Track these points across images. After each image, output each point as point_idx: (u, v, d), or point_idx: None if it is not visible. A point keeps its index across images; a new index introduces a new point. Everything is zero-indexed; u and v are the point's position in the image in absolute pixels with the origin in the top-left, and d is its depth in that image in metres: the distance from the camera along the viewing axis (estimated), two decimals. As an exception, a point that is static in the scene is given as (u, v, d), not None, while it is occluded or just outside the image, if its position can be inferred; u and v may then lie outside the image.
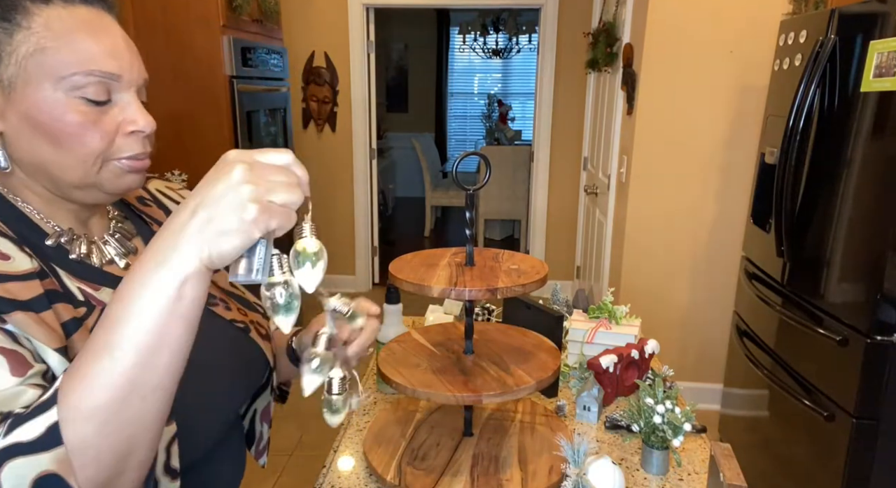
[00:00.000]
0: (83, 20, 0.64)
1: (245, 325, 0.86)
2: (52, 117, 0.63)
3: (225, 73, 2.88)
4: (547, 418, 1.22)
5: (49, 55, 0.62)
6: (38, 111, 0.63)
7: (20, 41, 0.61)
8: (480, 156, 1.11)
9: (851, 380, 1.64)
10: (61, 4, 0.63)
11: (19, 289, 0.60)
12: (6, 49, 0.61)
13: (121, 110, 0.68)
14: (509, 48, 7.47)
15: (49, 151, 0.65)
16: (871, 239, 1.63)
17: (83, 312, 0.67)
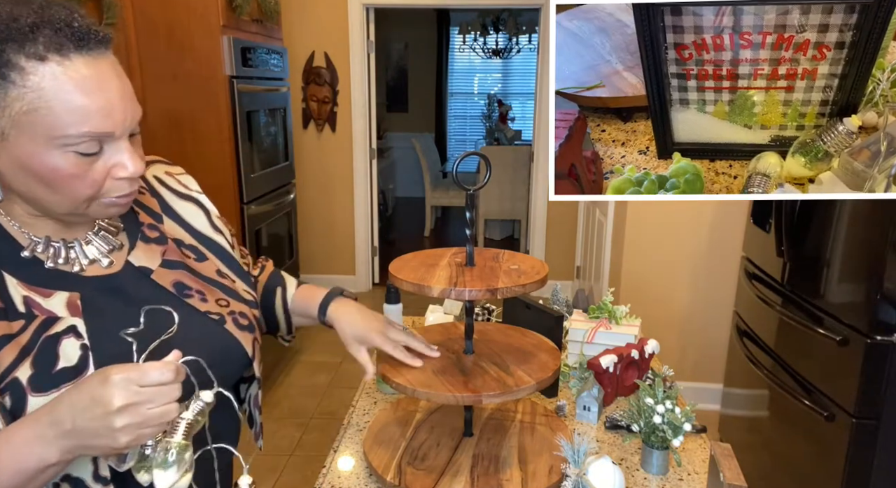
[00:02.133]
0: (80, 77, 0.63)
1: (221, 317, 0.85)
2: (44, 167, 0.64)
3: (225, 73, 2.88)
4: (547, 418, 1.22)
5: (42, 115, 0.62)
6: (31, 160, 0.64)
7: (14, 98, 0.61)
8: (480, 156, 1.11)
9: (851, 380, 1.64)
10: (57, 60, 0.62)
11: None
12: (3, 102, 0.61)
13: (112, 155, 0.69)
14: (509, 48, 7.47)
15: (41, 190, 0.67)
16: (871, 239, 1.63)
17: (19, 326, 0.68)
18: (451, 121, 8.23)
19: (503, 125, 6.71)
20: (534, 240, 4.50)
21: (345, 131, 4.35)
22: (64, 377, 0.68)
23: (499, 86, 8.03)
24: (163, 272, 0.82)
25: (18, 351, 0.67)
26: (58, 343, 0.69)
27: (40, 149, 0.64)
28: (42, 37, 0.61)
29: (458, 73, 8.06)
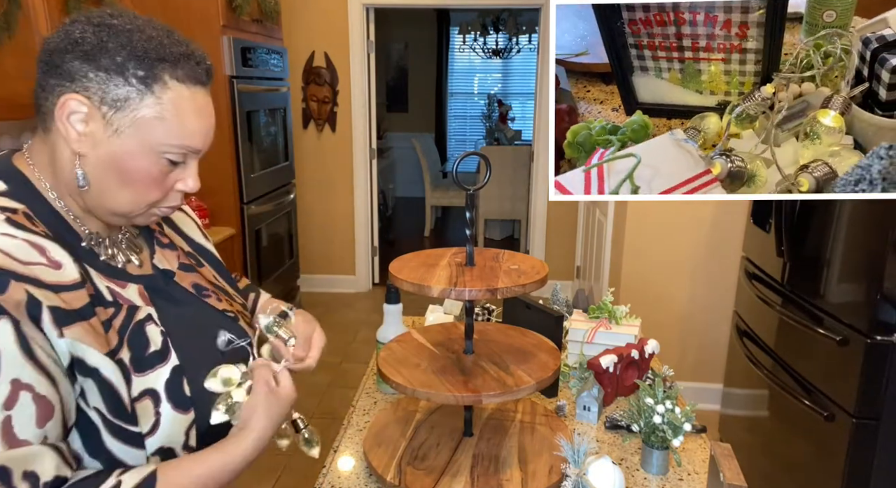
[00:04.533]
0: (198, 104, 0.76)
1: (234, 315, 0.94)
2: (136, 166, 0.74)
3: (225, 73, 2.88)
4: (547, 418, 1.22)
5: (162, 124, 0.73)
6: (128, 158, 0.73)
7: (147, 105, 0.72)
8: (480, 156, 1.11)
9: (851, 380, 1.64)
10: (189, 87, 0.75)
11: (72, 299, 0.70)
12: (131, 105, 0.72)
13: (183, 170, 0.79)
14: (509, 48, 7.47)
15: (113, 186, 0.75)
16: (871, 239, 1.63)
17: (111, 313, 0.76)
18: (451, 121, 8.23)
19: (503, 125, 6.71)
20: (534, 240, 4.51)
21: (345, 131, 4.35)
22: (155, 359, 0.77)
23: (499, 86, 8.03)
24: (182, 274, 0.90)
25: (117, 335, 0.75)
26: (144, 329, 0.78)
27: (141, 151, 0.73)
28: (187, 66, 0.74)
29: (458, 73, 8.06)
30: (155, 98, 0.72)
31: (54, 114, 0.72)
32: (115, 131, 0.72)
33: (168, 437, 0.77)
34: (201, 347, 0.84)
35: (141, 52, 0.71)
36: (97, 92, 0.70)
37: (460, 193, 6.08)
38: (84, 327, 0.70)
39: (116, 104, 0.71)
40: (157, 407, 0.76)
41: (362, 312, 4.27)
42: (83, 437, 0.72)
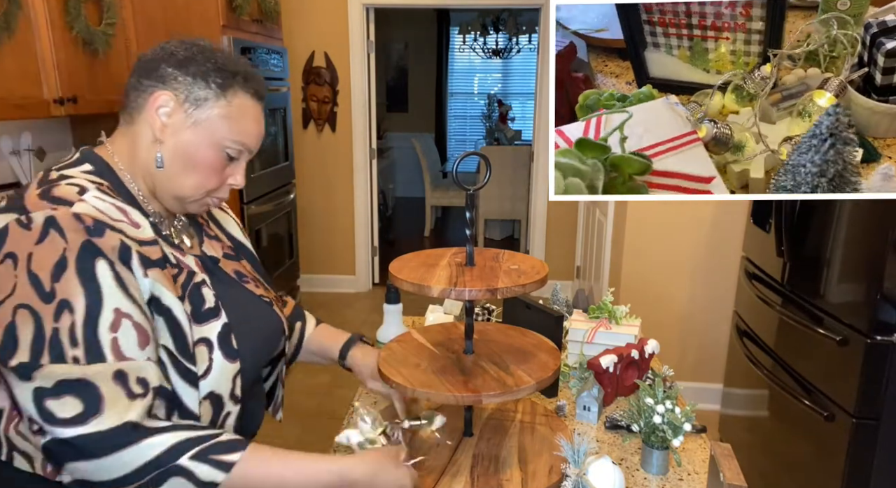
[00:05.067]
0: (256, 113, 0.94)
1: (270, 300, 1.07)
2: (202, 154, 0.90)
3: (225, 73, 2.88)
4: (547, 418, 1.22)
5: (228, 123, 0.91)
6: (199, 145, 0.90)
7: (219, 105, 0.90)
8: (480, 156, 1.11)
9: (851, 380, 1.64)
10: (251, 98, 0.93)
11: (150, 252, 0.85)
12: (208, 104, 0.89)
13: (235, 167, 0.95)
14: (509, 48, 7.47)
15: (182, 170, 0.90)
16: (871, 239, 1.63)
17: (175, 272, 0.90)
18: (451, 121, 8.23)
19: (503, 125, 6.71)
20: (534, 240, 4.51)
21: (345, 131, 4.35)
22: (210, 315, 0.91)
23: (499, 86, 8.03)
24: (225, 262, 1.03)
25: (181, 289, 0.89)
26: (200, 289, 0.92)
27: (209, 143, 0.90)
28: (252, 83, 0.93)
29: (458, 73, 8.06)
30: (226, 101, 0.90)
31: (144, 107, 0.89)
32: (193, 124, 0.89)
33: (217, 382, 0.90)
34: (244, 319, 0.97)
35: (221, 66, 0.90)
36: (183, 91, 0.88)
37: (460, 193, 6.08)
38: (161, 272, 0.85)
39: (197, 102, 0.88)
40: (210, 354, 0.89)
41: (362, 312, 4.27)
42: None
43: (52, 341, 0.74)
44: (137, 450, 0.76)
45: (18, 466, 0.85)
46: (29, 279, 0.75)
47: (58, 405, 0.74)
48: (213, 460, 0.79)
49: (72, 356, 0.75)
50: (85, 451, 0.74)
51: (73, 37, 2.31)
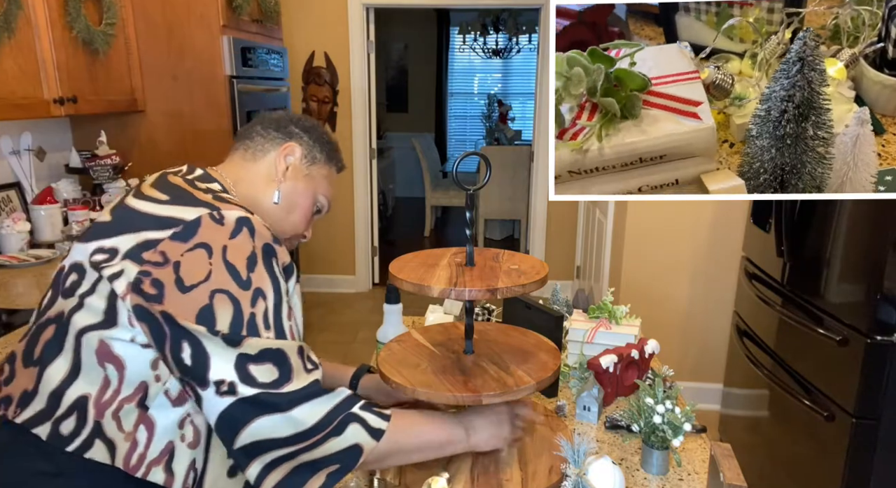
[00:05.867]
0: (335, 180, 1.14)
1: None
2: (305, 201, 1.08)
3: (225, 73, 2.88)
4: (547, 418, 1.22)
5: (326, 182, 1.11)
6: (305, 193, 1.08)
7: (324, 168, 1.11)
8: (480, 156, 1.11)
9: (851, 380, 1.64)
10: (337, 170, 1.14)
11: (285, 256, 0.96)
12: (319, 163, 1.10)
13: (311, 223, 1.12)
14: (509, 48, 7.47)
15: (285, 209, 1.06)
16: (871, 239, 1.63)
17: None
18: (451, 121, 8.23)
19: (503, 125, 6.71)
20: (534, 240, 4.51)
21: (345, 131, 4.35)
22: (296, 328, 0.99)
23: (499, 86, 8.03)
24: None
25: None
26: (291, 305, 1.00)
27: (311, 193, 1.08)
28: (342, 163, 1.16)
29: (458, 73, 8.06)
30: (328, 167, 1.11)
31: (272, 151, 1.06)
32: (306, 176, 1.07)
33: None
34: None
35: (331, 143, 1.13)
36: (307, 148, 1.08)
37: (460, 193, 6.08)
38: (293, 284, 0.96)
39: (313, 159, 1.09)
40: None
41: (362, 312, 4.27)
42: None
43: (249, 322, 0.83)
44: (320, 402, 0.85)
45: (91, 457, 0.85)
46: (226, 267, 0.83)
47: (259, 370, 0.82)
48: (375, 411, 0.90)
49: (265, 336, 0.84)
50: (280, 406, 0.82)
51: (73, 37, 2.31)
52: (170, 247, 0.84)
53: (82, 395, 0.85)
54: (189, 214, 0.86)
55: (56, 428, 0.85)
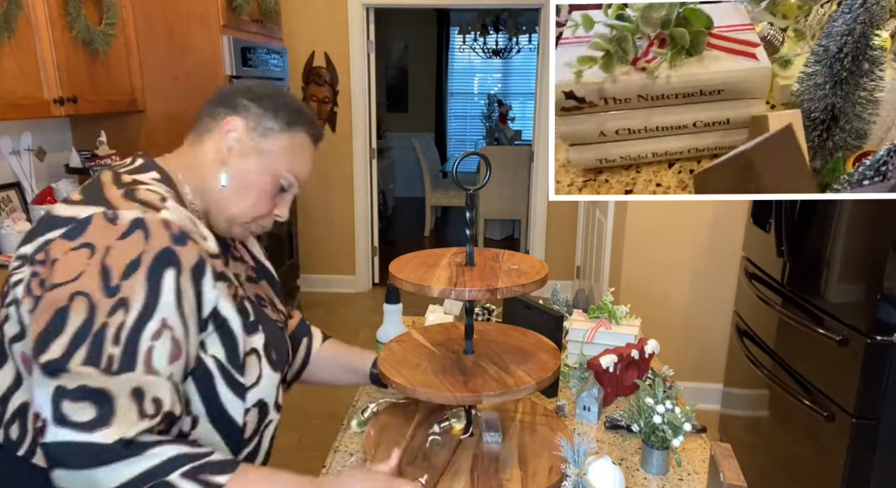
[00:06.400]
0: (310, 153, 1.02)
1: (283, 324, 1.11)
2: (261, 180, 0.97)
3: (225, 73, 2.88)
4: (547, 418, 1.22)
5: (287, 155, 0.98)
6: (259, 171, 0.96)
7: (283, 138, 0.97)
8: (480, 156, 1.11)
9: (851, 380, 1.64)
10: (310, 137, 1.01)
11: (216, 265, 0.89)
12: (273, 135, 0.97)
13: (282, 199, 1.01)
14: (509, 48, 7.47)
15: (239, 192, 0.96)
16: (871, 239, 1.63)
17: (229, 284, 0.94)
18: (451, 121, 8.23)
19: (503, 125, 6.71)
20: (534, 240, 4.50)
21: (345, 131, 4.35)
22: (253, 327, 0.95)
23: (499, 86, 8.03)
24: (247, 285, 1.06)
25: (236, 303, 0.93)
26: (244, 302, 0.96)
27: (267, 170, 0.96)
28: (313, 129, 1.01)
29: (458, 73, 8.06)
30: (290, 136, 0.97)
31: (214, 130, 0.96)
32: (257, 151, 0.95)
33: (265, 391, 0.96)
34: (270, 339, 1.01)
35: (291, 108, 0.98)
36: (254, 119, 0.95)
37: (460, 193, 6.08)
38: (224, 284, 0.90)
39: (265, 132, 0.96)
40: (259, 364, 0.95)
41: (362, 312, 4.27)
42: (197, 382, 0.89)
43: (96, 334, 0.77)
44: (129, 464, 0.75)
45: (36, 462, 0.86)
46: (100, 270, 0.78)
47: (74, 408, 0.74)
48: (202, 480, 0.78)
49: (108, 354, 0.77)
50: (80, 459, 0.74)
51: (73, 37, 2.31)
52: (57, 245, 0.81)
53: (23, 403, 0.86)
54: (84, 213, 0.82)
55: (6, 433, 0.87)
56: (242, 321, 0.93)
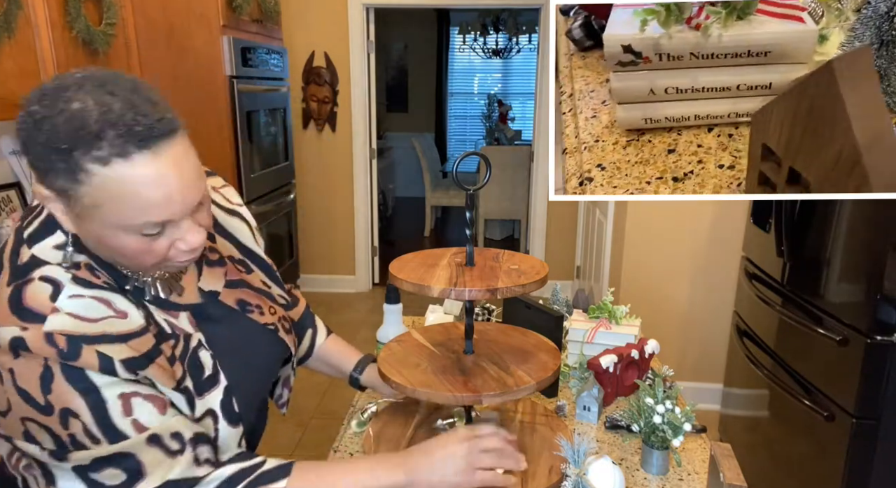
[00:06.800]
0: (141, 176, 0.68)
1: (275, 326, 1.00)
2: (114, 243, 0.74)
3: (225, 73, 2.88)
4: (547, 418, 1.22)
5: (106, 209, 0.69)
6: (106, 235, 0.73)
7: (83, 194, 0.69)
8: (480, 156, 1.11)
9: (851, 380, 1.64)
10: (119, 163, 0.67)
11: (139, 345, 0.76)
12: (72, 194, 0.69)
13: (174, 232, 0.76)
14: (509, 48, 7.47)
15: (117, 256, 0.77)
16: (871, 239, 1.63)
17: (172, 344, 0.82)
18: (451, 121, 8.23)
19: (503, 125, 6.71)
20: (534, 240, 4.50)
21: (345, 131, 4.35)
22: (210, 382, 0.85)
23: (499, 86, 8.03)
24: (227, 292, 0.94)
25: (181, 366, 0.82)
26: (198, 355, 0.85)
27: (109, 232, 0.72)
28: (106, 142, 0.66)
29: (458, 73, 8.06)
30: (86, 187, 0.68)
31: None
32: (78, 216, 0.72)
33: (224, 447, 0.86)
34: (243, 363, 0.91)
35: (56, 142, 0.66)
36: (48, 181, 0.70)
37: (460, 193, 6.08)
38: (154, 368, 0.77)
39: (65, 193, 0.69)
40: (216, 425, 0.85)
41: (362, 312, 4.27)
42: None
43: (72, 442, 0.72)
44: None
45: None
46: (20, 395, 0.70)
47: (102, 476, 0.73)
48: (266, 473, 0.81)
49: (97, 441, 0.73)
50: None
51: (73, 37, 2.31)
52: None
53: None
54: None
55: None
56: (195, 382, 0.83)
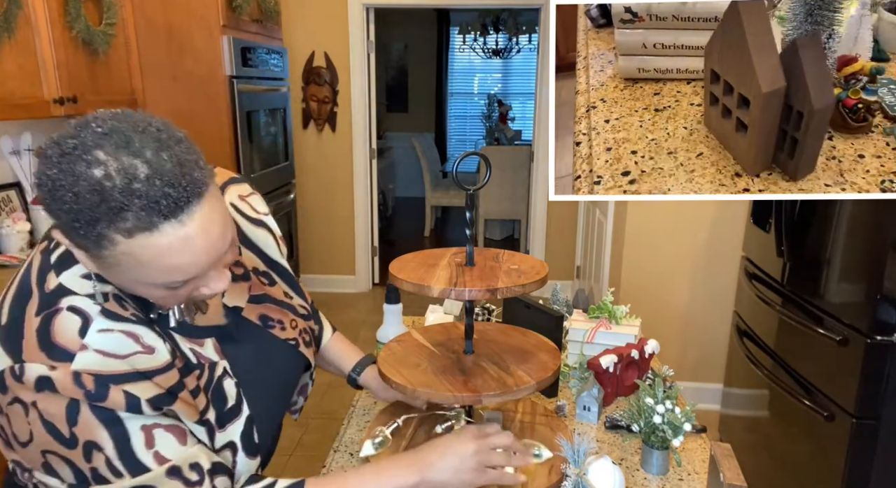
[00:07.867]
0: (165, 244, 0.66)
1: (296, 341, 1.00)
2: (135, 290, 0.73)
3: (225, 73, 2.88)
4: (547, 418, 1.22)
5: (127, 268, 0.68)
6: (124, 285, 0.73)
7: (105, 256, 0.67)
8: (480, 156, 1.11)
9: (851, 380, 1.64)
10: (144, 235, 0.65)
11: (164, 380, 0.76)
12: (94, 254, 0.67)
13: (197, 282, 0.75)
14: (509, 48, 7.47)
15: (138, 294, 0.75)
16: (871, 239, 1.63)
17: (198, 374, 0.83)
18: (451, 121, 8.23)
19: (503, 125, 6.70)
20: (534, 240, 4.51)
21: (345, 131, 4.35)
22: (233, 414, 0.85)
23: (499, 86, 8.03)
24: (250, 307, 0.95)
25: (205, 397, 0.82)
26: (222, 384, 0.85)
27: (130, 285, 0.72)
28: (131, 214, 0.64)
29: (458, 73, 8.06)
30: (108, 252, 0.66)
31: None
32: (99, 267, 0.70)
33: (238, 480, 0.86)
34: (265, 386, 0.92)
35: (77, 214, 0.64)
36: (68, 237, 0.68)
37: (460, 193, 6.08)
38: (178, 403, 0.78)
39: (87, 249, 0.68)
40: (234, 457, 0.85)
41: (362, 312, 4.27)
42: None
43: (93, 476, 0.72)
44: None
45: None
46: (45, 427, 0.70)
47: None
48: None
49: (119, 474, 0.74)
50: None
51: (73, 37, 2.31)
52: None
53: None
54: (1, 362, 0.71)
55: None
56: (217, 413, 0.83)
